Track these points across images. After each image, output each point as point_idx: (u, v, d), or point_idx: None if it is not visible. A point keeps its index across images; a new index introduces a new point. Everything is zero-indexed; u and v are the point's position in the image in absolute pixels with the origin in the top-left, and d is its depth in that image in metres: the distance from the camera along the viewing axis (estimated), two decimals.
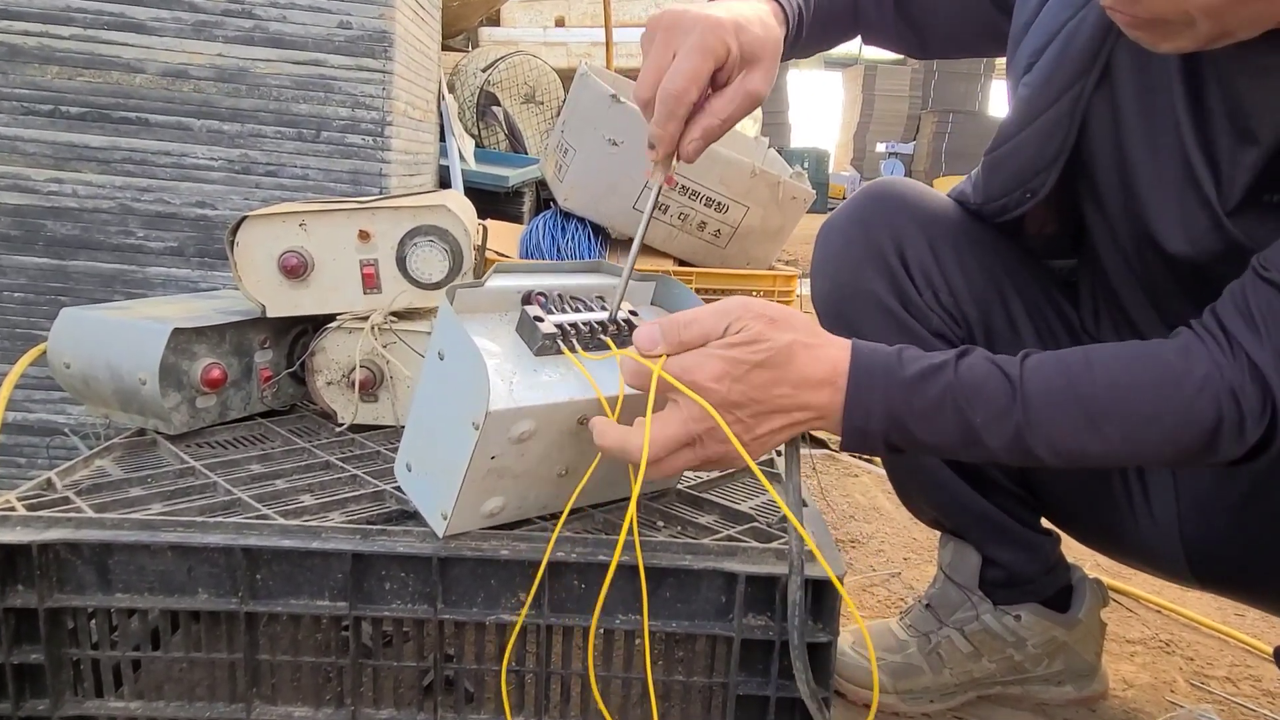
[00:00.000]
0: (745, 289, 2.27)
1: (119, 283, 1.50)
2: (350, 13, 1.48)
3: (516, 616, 0.81)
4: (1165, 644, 1.39)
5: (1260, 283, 0.69)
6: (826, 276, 1.02)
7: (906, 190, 1.02)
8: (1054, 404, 0.71)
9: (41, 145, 1.46)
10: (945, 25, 1.03)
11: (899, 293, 0.98)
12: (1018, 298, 0.99)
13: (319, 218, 1.08)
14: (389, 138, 1.53)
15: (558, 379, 0.76)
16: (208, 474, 0.95)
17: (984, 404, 0.71)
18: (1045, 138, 0.88)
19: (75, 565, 0.79)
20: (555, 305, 0.80)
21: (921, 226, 0.98)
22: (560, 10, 3.82)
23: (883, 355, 0.74)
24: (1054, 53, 0.86)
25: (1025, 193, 0.92)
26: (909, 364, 0.73)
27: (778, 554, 0.81)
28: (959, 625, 1.11)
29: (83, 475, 0.95)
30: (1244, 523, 0.87)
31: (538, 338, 0.76)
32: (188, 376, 1.04)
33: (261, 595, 0.80)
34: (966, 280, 0.98)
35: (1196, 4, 0.63)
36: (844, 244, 1.00)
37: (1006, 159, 0.93)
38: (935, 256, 0.98)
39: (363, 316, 1.10)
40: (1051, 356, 0.73)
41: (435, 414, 0.78)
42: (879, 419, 0.73)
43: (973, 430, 0.72)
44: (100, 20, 1.44)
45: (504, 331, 0.79)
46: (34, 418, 1.52)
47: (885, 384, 0.72)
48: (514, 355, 0.76)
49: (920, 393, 0.72)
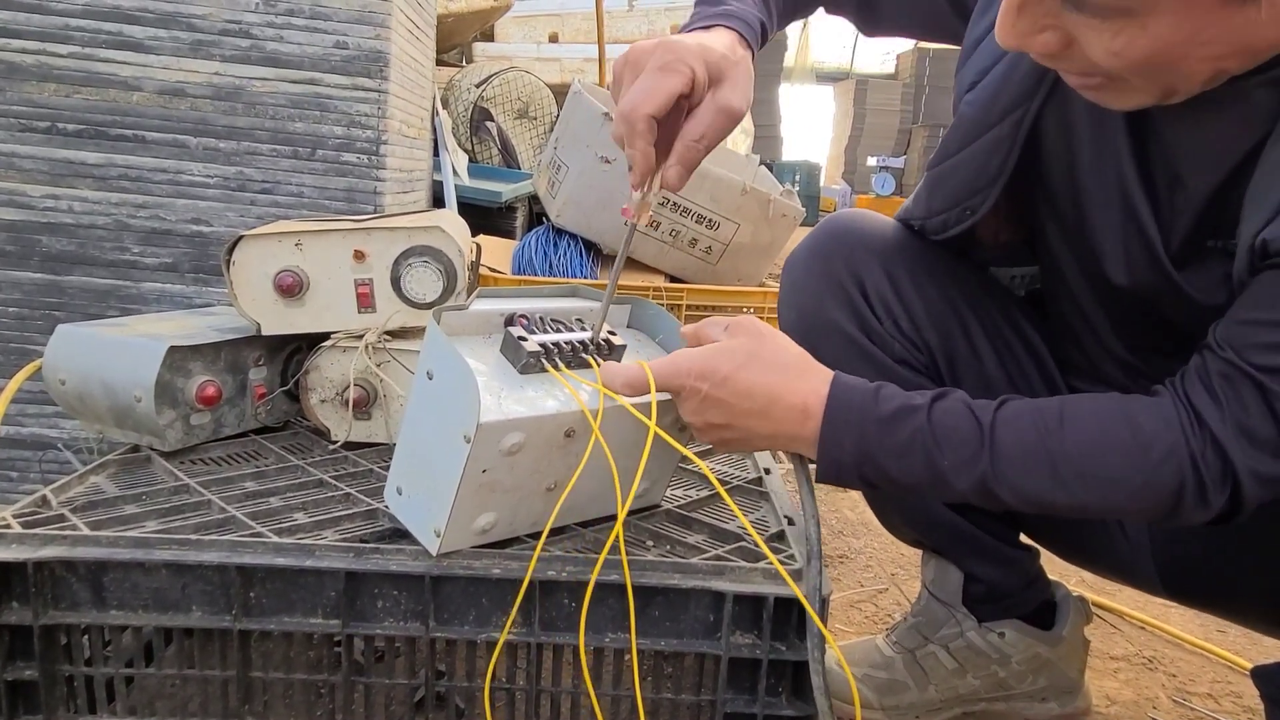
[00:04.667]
0: (735, 305, 2.28)
1: (114, 298, 1.51)
2: (346, 33, 1.49)
3: (508, 635, 0.82)
4: (1148, 660, 1.40)
5: (1216, 358, 0.71)
6: (792, 307, 1.04)
7: (862, 222, 1.04)
8: (1022, 457, 0.73)
9: (38, 161, 1.47)
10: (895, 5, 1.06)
11: (860, 322, 0.99)
12: (976, 321, 1.01)
13: (315, 237, 1.09)
14: (384, 156, 1.53)
15: (544, 394, 0.78)
16: (202, 491, 0.95)
17: (953, 449, 0.74)
18: (986, 157, 0.88)
19: (70, 583, 0.80)
20: (537, 326, 0.83)
21: (878, 257, 1.00)
22: (554, 26, 3.84)
23: (860, 392, 0.77)
24: (999, 73, 0.86)
25: (965, 210, 0.92)
26: (885, 402, 0.76)
27: (765, 573, 0.83)
28: (944, 642, 1.13)
29: (78, 492, 0.96)
30: (1213, 543, 0.89)
31: (522, 356, 0.79)
32: (183, 394, 1.05)
33: (255, 613, 0.81)
34: (925, 306, 1.00)
35: (1108, 66, 0.64)
36: (806, 276, 1.02)
37: (947, 176, 0.93)
38: (893, 285, 0.99)
39: (357, 335, 1.11)
40: (1028, 408, 0.75)
41: (426, 434, 0.80)
42: (851, 453, 0.76)
43: (940, 473, 0.75)
44: (98, 39, 1.45)
45: (488, 352, 0.82)
46: (27, 432, 1.52)
47: (860, 420, 0.76)
48: (500, 373, 0.79)
49: (892, 432, 0.75)
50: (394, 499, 0.86)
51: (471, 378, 0.72)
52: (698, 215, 2.28)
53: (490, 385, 0.77)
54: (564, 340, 0.82)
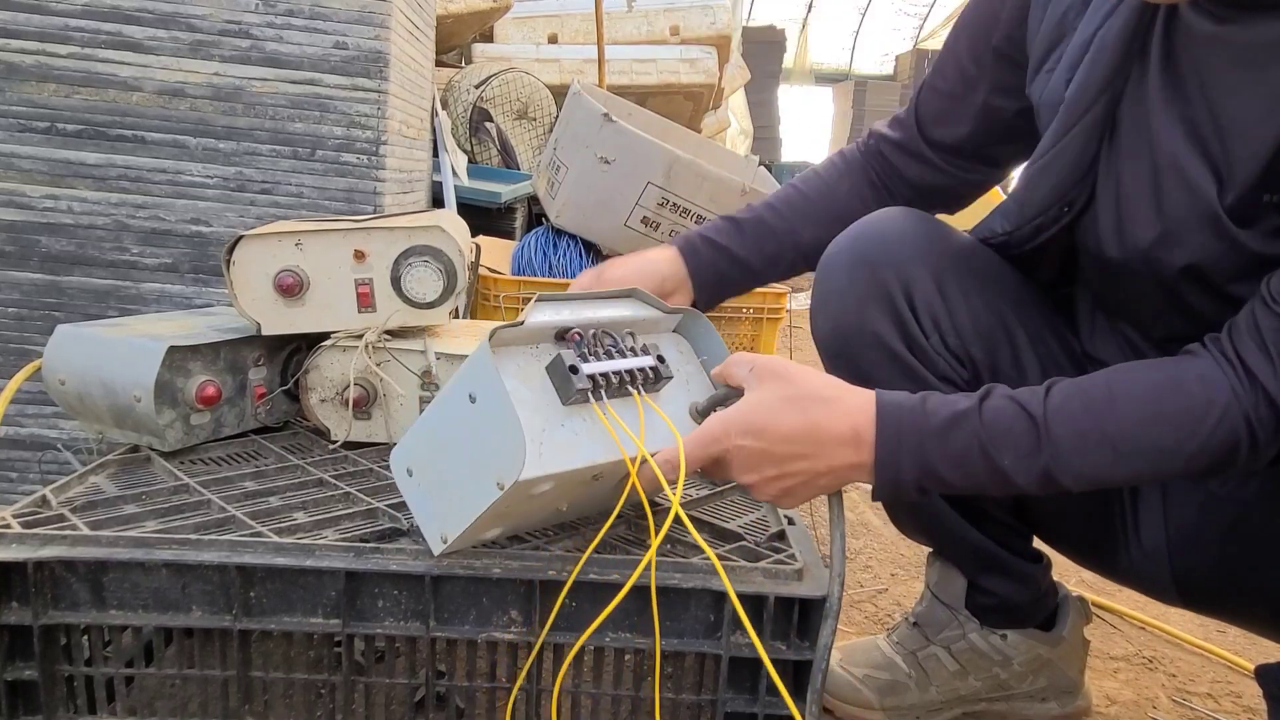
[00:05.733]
0: (737, 305, 2.28)
1: (113, 299, 1.50)
2: (346, 33, 1.49)
3: (508, 634, 0.82)
4: (1148, 660, 1.40)
5: (1268, 313, 0.72)
6: (828, 316, 1.00)
7: (912, 224, 1.00)
8: (1081, 442, 0.74)
9: (37, 162, 1.46)
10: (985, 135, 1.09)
11: (905, 336, 0.96)
12: (1022, 330, 0.98)
13: (315, 237, 1.08)
14: (383, 156, 1.53)
15: (583, 433, 0.77)
16: (202, 491, 0.95)
17: (1011, 447, 0.75)
18: (1083, 143, 0.87)
19: (70, 583, 0.80)
20: (589, 347, 0.80)
21: (928, 264, 0.96)
22: (553, 27, 3.84)
23: (907, 407, 0.77)
24: (1089, 62, 0.86)
25: (1064, 206, 0.90)
26: (933, 413, 0.76)
27: (766, 573, 0.83)
28: (946, 643, 1.13)
29: (77, 492, 0.96)
30: (1229, 551, 0.89)
31: (571, 391, 0.76)
32: (182, 394, 1.05)
33: (255, 612, 0.81)
34: (973, 320, 0.96)
35: None
36: (848, 284, 0.98)
37: (1045, 172, 0.91)
38: (943, 297, 0.96)
39: (357, 335, 1.11)
40: (1075, 390, 0.76)
41: (454, 448, 0.78)
42: (910, 470, 0.76)
43: (1001, 472, 0.75)
44: (98, 39, 1.45)
45: (535, 370, 0.78)
46: (26, 432, 1.52)
47: (913, 436, 0.76)
48: (543, 403, 0.77)
49: (947, 442, 0.75)
50: (402, 476, 0.82)
51: (520, 434, 0.70)
52: (698, 216, 2.28)
53: (533, 423, 0.74)
54: (613, 371, 0.79)
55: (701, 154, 2.24)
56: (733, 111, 5.95)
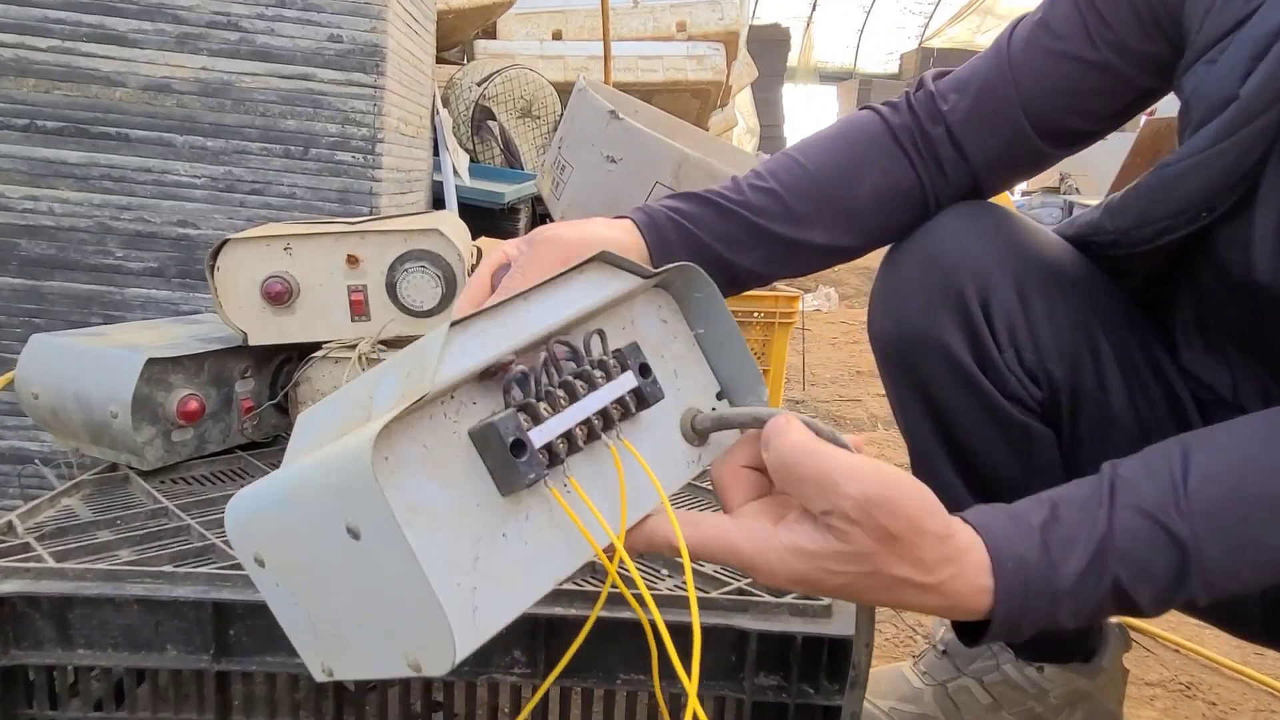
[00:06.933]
0: (746, 309, 2.22)
1: (96, 304, 1.47)
2: (340, 25, 1.45)
3: (510, 676, 0.76)
4: (1186, 686, 1.34)
5: None
6: (889, 315, 0.90)
7: (994, 221, 0.89)
8: (1236, 563, 0.62)
9: (16, 161, 1.43)
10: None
11: (975, 348, 0.86)
12: (1108, 346, 0.88)
13: (305, 241, 1.05)
14: (380, 155, 1.50)
15: (537, 537, 0.53)
16: (181, 516, 0.90)
17: (1151, 580, 0.62)
18: (1249, 147, 0.75)
19: (33, 619, 0.75)
20: (537, 383, 0.53)
21: (1011, 268, 0.86)
22: (557, 23, 3.80)
23: (1033, 563, 0.61)
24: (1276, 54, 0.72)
25: (1202, 211, 0.79)
26: (1062, 561, 0.61)
27: (792, 609, 0.76)
28: (978, 675, 1.06)
29: (47, 516, 0.91)
30: None
31: (517, 480, 0.50)
32: (163, 409, 1.01)
33: (235, 652, 0.75)
34: (1055, 334, 0.86)
35: None
36: (918, 283, 0.87)
37: (1188, 174, 0.79)
38: (1024, 307, 0.86)
39: (350, 345, 1.08)
40: (1224, 494, 0.63)
41: (332, 579, 0.50)
42: (1030, 629, 0.62)
43: (1137, 609, 0.63)
44: (79, 32, 1.41)
45: (452, 447, 0.51)
46: (6, 445, 1.48)
47: (1043, 599, 0.61)
48: (471, 505, 0.50)
49: (1083, 598, 0.62)
50: (248, 560, 0.53)
51: (440, 613, 0.45)
52: None
53: (459, 558, 0.48)
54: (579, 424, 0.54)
55: (711, 152, 2.18)
56: (739, 110, 5.90)
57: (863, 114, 0.93)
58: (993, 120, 0.89)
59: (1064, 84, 0.86)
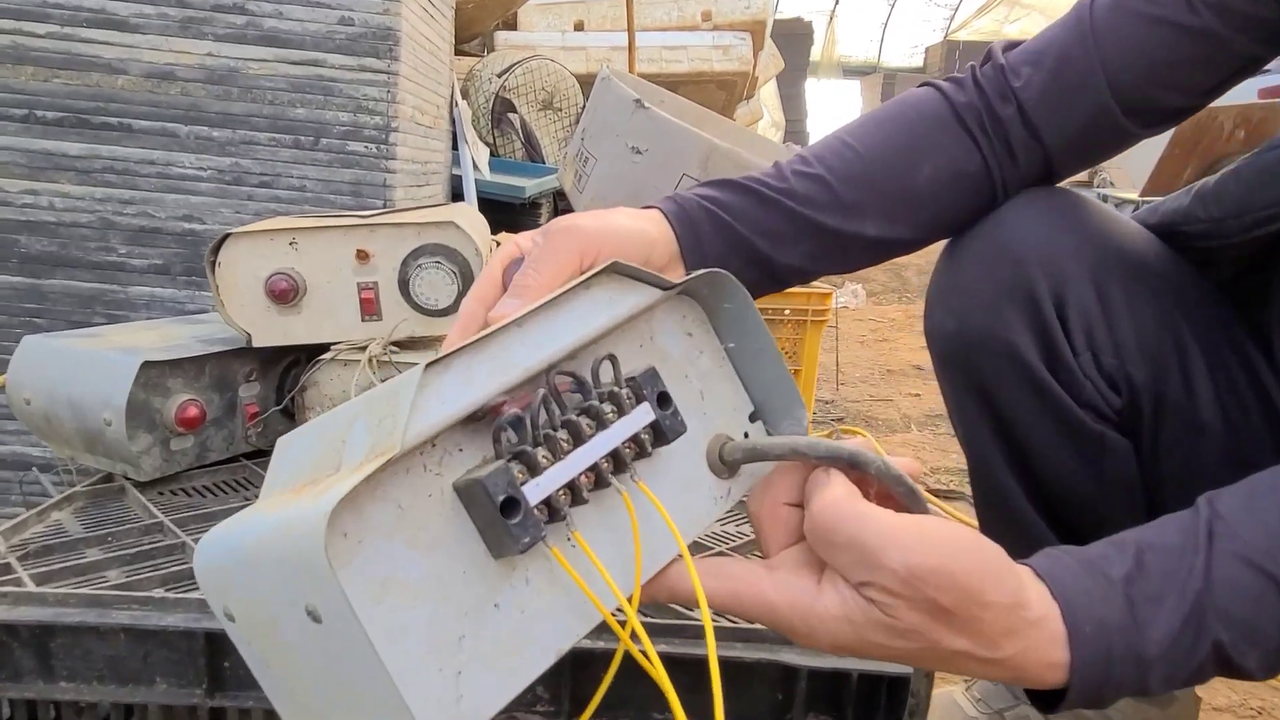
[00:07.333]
0: (776, 306, 2.14)
1: (99, 304, 1.45)
2: (352, 7, 1.43)
3: (532, 715, 0.69)
4: (1257, 711, 1.26)
5: None
6: (950, 311, 0.83)
7: (1070, 210, 0.82)
8: None
9: (15, 153, 1.41)
10: None
11: (1048, 351, 0.79)
12: (1196, 346, 0.81)
13: (312, 235, 1.02)
14: (394, 145, 1.47)
15: (535, 605, 0.46)
16: (177, 532, 0.86)
17: (1262, 645, 0.54)
18: None
19: (12, 648, 0.70)
20: (534, 426, 0.45)
21: (1089, 262, 0.79)
22: (579, 14, 3.79)
23: (1116, 628, 0.52)
24: None
25: None
26: (1150, 624, 0.53)
27: None
28: None
29: (34, 533, 0.87)
30: None
31: (511, 544, 0.43)
32: (160, 415, 0.96)
33: (230, 687, 0.70)
34: (1138, 334, 0.80)
35: None
36: (983, 274, 0.81)
37: None
38: (1103, 305, 0.79)
39: (360, 346, 1.04)
40: None
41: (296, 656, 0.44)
42: (1115, 697, 0.55)
43: (1242, 672, 0.54)
44: (79, 17, 1.39)
45: (434, 505, 0.44)
46: (7, 450, 1.46)
47: (1126, 670, 0.53)
48: (456, 574, 0.44)
49: (1178, 664, 0.53)
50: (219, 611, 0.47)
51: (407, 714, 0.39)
52: None
53: (441, 642, 0.42)
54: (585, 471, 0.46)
55: (740, 143, 2.12)
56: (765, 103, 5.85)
57: (921, 91, 0.85)
58: (1073, 97, 0.80)
59: (1158, 54, 0.77)
